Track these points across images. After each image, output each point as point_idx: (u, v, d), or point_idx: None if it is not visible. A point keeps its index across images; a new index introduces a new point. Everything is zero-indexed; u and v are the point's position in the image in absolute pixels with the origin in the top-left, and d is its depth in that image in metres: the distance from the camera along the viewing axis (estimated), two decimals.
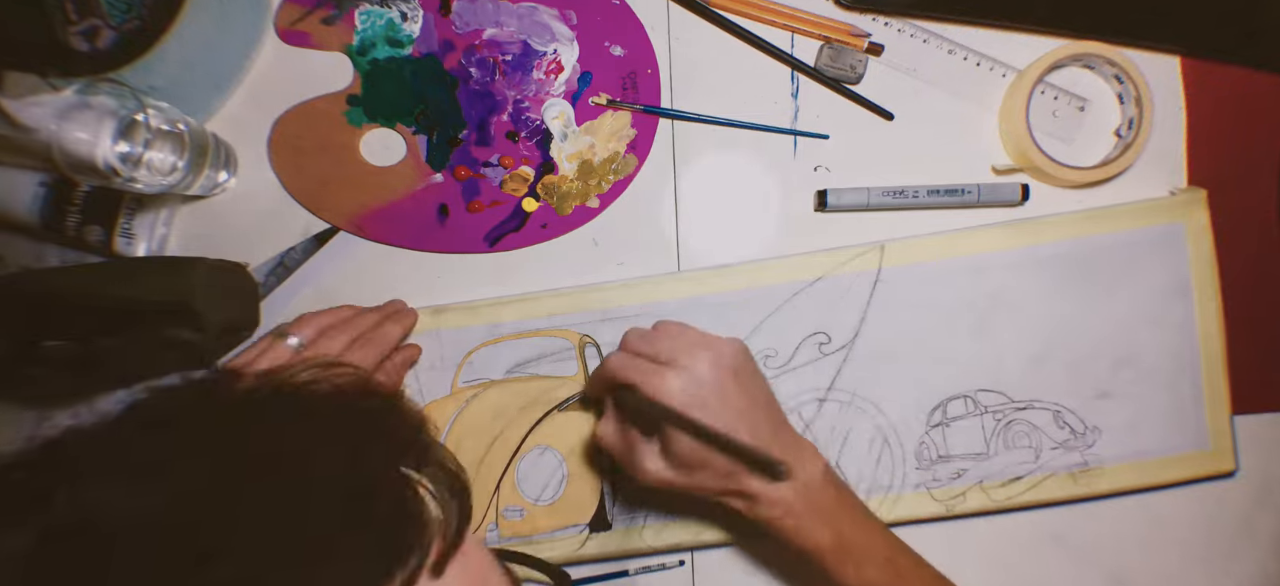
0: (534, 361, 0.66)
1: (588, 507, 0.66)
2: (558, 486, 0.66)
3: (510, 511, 0.66)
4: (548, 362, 0.66)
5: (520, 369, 0.66)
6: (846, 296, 0.65)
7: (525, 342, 0.66)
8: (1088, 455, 0.66)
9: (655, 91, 0.66)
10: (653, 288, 0.66)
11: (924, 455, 0.66)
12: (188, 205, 0.67)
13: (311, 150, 0.66)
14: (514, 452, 0.66)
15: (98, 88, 0.58)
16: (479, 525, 0.66)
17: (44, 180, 0.63)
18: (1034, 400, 0.66)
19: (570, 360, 0.66)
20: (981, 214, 0.66)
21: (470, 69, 0.66)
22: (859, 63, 0.65)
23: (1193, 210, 0.65)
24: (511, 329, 0.66)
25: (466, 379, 0.66)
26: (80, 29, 0.61)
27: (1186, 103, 0.66)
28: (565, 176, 0.66)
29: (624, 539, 0.66)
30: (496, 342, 0.66)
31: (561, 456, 0.66)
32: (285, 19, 0.66)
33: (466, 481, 0.34)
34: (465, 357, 0.66)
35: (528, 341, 0.66)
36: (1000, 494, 0.66)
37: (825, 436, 0.66)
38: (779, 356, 0.66)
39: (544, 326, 0.66)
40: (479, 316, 0.66)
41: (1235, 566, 0.68)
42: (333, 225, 0.67)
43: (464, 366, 0.66)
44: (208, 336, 0.61)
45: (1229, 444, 0.66)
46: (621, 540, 0.66)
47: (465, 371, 0.66)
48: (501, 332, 0.66)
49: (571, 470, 0.66)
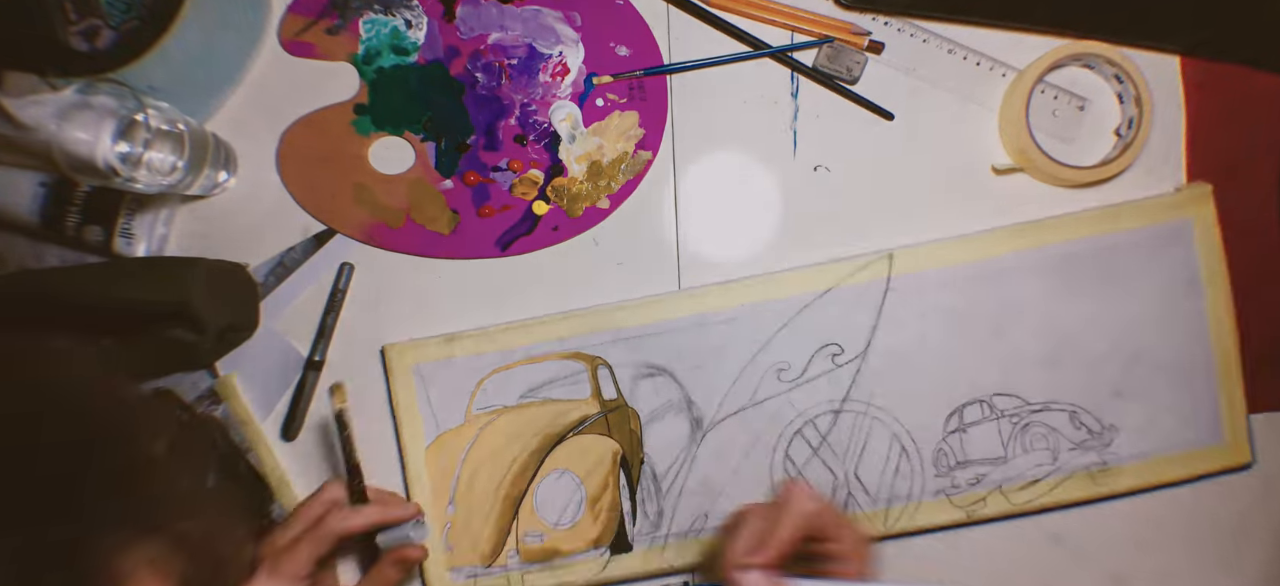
0: (547, 385, 0.66)
1: (608, 530, 0.66)
2: (577, 509, 0.66)
3: (530, 536, 0.66)
4: (561, 386, 0.66)
5: (534, 394, 0.66)
6: (857, 306, 0.65)
7: (537, 367, 0.66)
8: (1105, 454, 0.66)
9: (661, 90, 0.66)
10: (661, 306, 0.65)
11: (942, 462, 0.66)
12: (187, 205, 0.66)
13: (320, 160, 0.66)
14: (531, 478, 0.65)
15: (98, 88, 0.57)
16: (500, 553, 0.66)
17: (44, 180, 0.63)
18: (1050, 402, 0.66)
19: (583, 383, 0.66)
20: (987, 216, 0.66)
21: (476, 74, 0.66)
22: (856, 64, 0.66)
23: (1200, 205, 0.65)
24: (523, 354, 0.65)
25: (480, 406, 0.66)
26: (80, 29, 0.61)
27: (1186, 102, 0.67)
28: (574, 178, 0.66)
29: (646, 559, 0.66)
30: (509, 368, 0.65)
31: (579, 479, 0.66)
32: (289, 30, 0.66)
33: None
34: (478, 385, 0.66)
35: (540, 366, 0.66)
36: (1020, 497, 0.65)
37: (842, 447, 0.65)
38: (792, 369, 0.65)
39: (555, 350, 0.65)
40: (491, 343, 0.65)
41: (1235, 566, 0.68)
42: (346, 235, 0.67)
43: (477, 394, 0.66)
44: (207, 337, 0.61)
45: (1244, 436, 0.66)
46: (643, 561, 0.66)
47: (479, 399, 0.66)
48: (514, 359, 0.65)
49: (590, 493, 0.65)
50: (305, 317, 0.66)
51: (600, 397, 0.66)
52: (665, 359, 0.65)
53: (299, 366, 0.66)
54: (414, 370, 0.65)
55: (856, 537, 0.54)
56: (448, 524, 0.66)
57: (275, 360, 0.66)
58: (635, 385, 0.66)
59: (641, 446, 0.66)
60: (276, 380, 0.66)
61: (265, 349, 0.66)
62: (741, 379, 0.65)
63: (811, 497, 0.53)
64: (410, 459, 0.65)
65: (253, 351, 0.66)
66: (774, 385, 0.65)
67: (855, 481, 0.65)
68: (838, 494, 0.65)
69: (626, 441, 0.66)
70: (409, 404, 0.65)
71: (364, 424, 0.65)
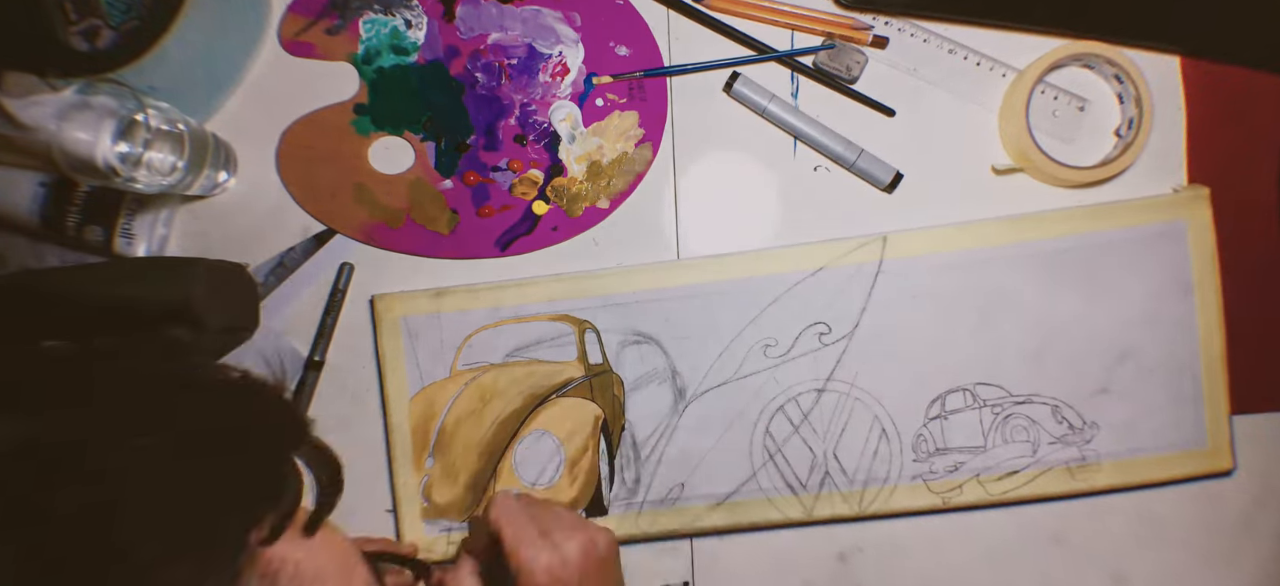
0: (533, 346, 0.66)
1: (585, 493, 0.66)
2: (555, 471, 0.66)
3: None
4: (547, 348, 0.66)
5: (520, 353, 0.66)
6: (848, 287, 0.65)
7: (525, 327, 0.66)
8: (1085, 450, 0.66)
9: (661, 91, 0.66)
10: (653, 275, 0.66)
11: (921, 447, 0.66)
12: (187, 205, 0.66)
13: (320, 160, 0.66)
14: (512, 436, 0.66)
15: (98, 88, 0.57)
16: (476, 508, 0.66)
17: (44, 180, 0.63)
18: (1033, 394, 0.66)
19: (570, 345, 0.66)
20: (978, 206, 0.67)
21: (476, 74, 0.66)
22: (856, 63, 0.66)
23: (1195, 207, 0.65)
24: (511, 313, 0.66)
25: (466, 362, 0.66)
26: (80, 29, 0.61)
27: (1186, 102, 0.67)
28: (574, 178, 0.66)
29: (620, 524, 0.66)
30: (496, 326, 0.66)
31: (559, 441, 0.66)
32: (289, 30, 0.66)
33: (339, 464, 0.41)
34: (465, 341, 0.66)
35: (527, 326, 0.66)
36: (997, 487, 0.66)
37: (823, 427, 0.66)
38: (779, 346, 0.66)
39: (544, 311, 0.66)
40: (479, 300, 0.66)
41: (1235, 566, 0.68)
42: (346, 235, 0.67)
43: (463, 350, 0.66)
44: (207, 337, 0.60)
45: (1227, 443, 0.66)
46: (618, 525, 0.66)
47: (465, 355, 0.66)
48: (501, 316, 0.66)
49: (570, 455, 0.66)
50: (305, 318, 0.66)
51: (586, 361, 0.66)
52: (653, 327, 0.66)
53: (299, 366, 0.66)
54: (402, 321, 0.66)
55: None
56: (425, 476, 0.66)
57: (275, 360, 0.66)
58: (621, 351, 0.66)
59: (623, 413, 0.66)
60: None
61: (265, 349, 0.66)
62: (728, 352, 0.66)
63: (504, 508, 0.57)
64: (393, 408, 0.66)
65: (252, 351, 0.66)
66: (760, 360, 0.66)
67: (833, 461, 0.66)
68: (815, 472, 0.66)
69: (609, 407, 0.66)
70: (395, 354, 0.66)
71: (349, 372, 0.66)
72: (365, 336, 0.67)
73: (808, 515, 0.66)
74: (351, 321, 0.67)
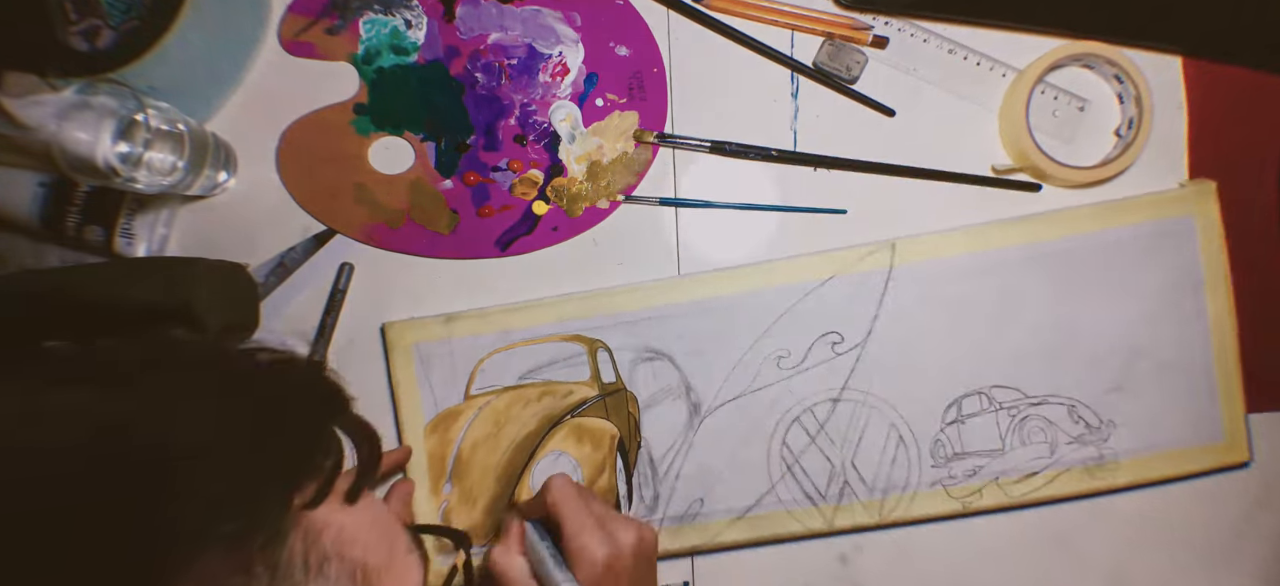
0: (546, 367, 0.66)
1: None
2: None
3: None
4: (560, 368, 0.66)
5: (533, 375, 0.66)
6: (858, 295, 0.65)
7: (537, 349, 0.66)
8: (1103, 449, 0.66)
9: (661, 90, 0.66)
10: (663, 291, 0.65)
11: (939, 452, 0.66)
12: (188, 205, 0.66)
13: (320, 160, 0.66)
14: (529, 459, 0.66)
15: (98, 88, 0.57)
16: (496, 532, 0.65)
17: (44, 180, 0.63)
18: (1049, 395, 0.66)
19: (582, 365, 0.66)
20: (992, 208, 0.67)
21: (476, 74, 0.66)
22: (856, 63, 0.66)
23: (1204, 202, 0.65)
24: (522, 336, 0.65)
25: (479, 387, 0.66)
26: (80, 29, 0.61)
27: (1187, 103, 0.67)
28: (574, 178, 0.66)
29: None
30: (508, 349, 0.65)
31: (576, 462, 0.66)
32: (289, 30, 0.66)
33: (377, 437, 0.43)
34: (478, 365, 0.66)
35: (539, 347, 0.66)
36: (1017, 490, 0.66)
37: (840, 436, 0.65)
38: (792, 357, 0.65)
39: (555, 332, 0.65)
40: (490, 324, 0.65)
41: (1236, 566, 0.68)
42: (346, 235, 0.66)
43: (477, 374, 0.66)
44: (207, 337, 0.60)
45: (1243, 434, 0.66)
46: None
47: (478, 379, 0.66)
48: (512, 339, 0.65)
49: (587, 475, 0.65)
50: (305, 317, 0.66)
51: (599, 380, 0.66)
52: (665, 343, 0.66)
53: None
54: (414, 348, 0.65)
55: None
56: (444, 502, 0.66)
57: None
58: (634, 369, 0.66)
59: (639, 430, 0.66)
60: None
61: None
62: (741, 365, 0.66)
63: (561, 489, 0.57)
64: (408, 437, 0.66)
65: None
66: (773, 372, 0.65)
67: (852, 470, 0.66)
68: (835, 482, 0.66)
69: (624, 425, 0.66)
70: (408, 381, 0.66)
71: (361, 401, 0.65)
72: (376, 363, 0.66)
73: (829, 526, 0.66)
74: (361, 349, 0.67)
